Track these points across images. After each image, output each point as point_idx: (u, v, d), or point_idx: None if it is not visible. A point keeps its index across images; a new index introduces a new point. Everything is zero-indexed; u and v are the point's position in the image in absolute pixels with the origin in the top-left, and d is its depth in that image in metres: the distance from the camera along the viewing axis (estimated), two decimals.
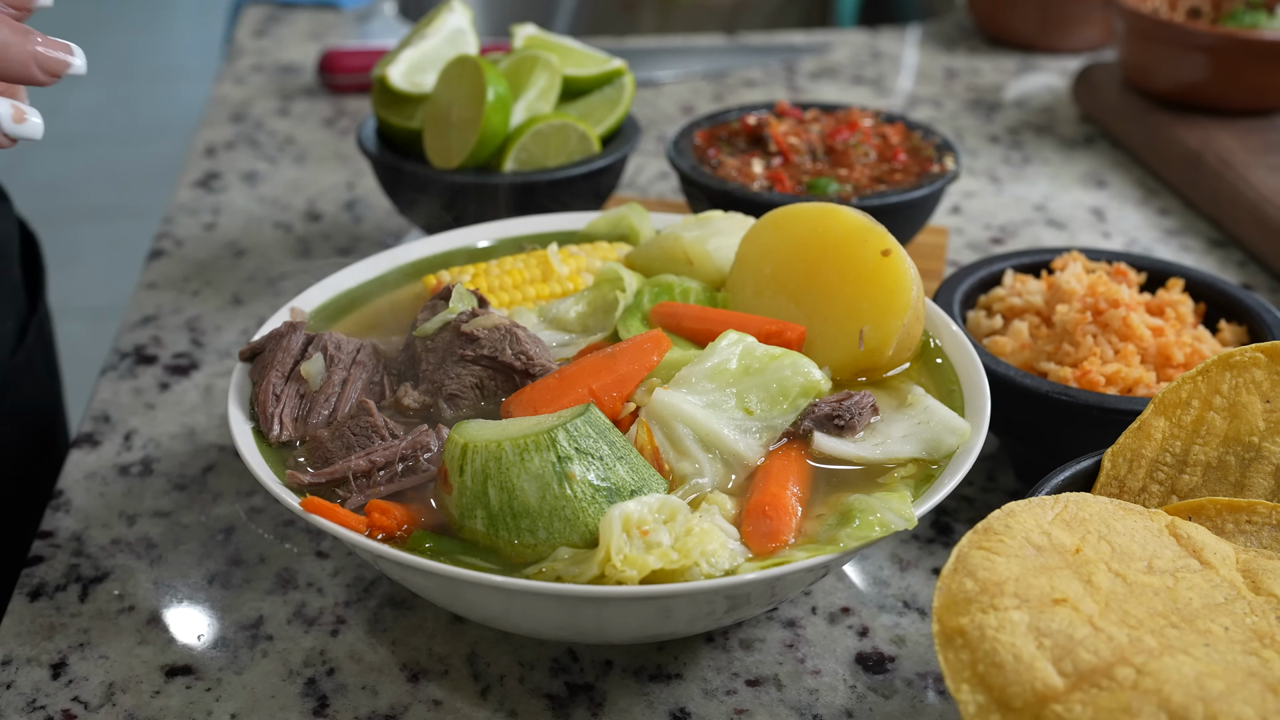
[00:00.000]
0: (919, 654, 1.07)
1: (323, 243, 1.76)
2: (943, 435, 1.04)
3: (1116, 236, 1.80)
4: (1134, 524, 0.88)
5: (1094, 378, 1.18)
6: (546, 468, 0.93)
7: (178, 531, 1.20)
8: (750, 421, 1.04)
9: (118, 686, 1.03)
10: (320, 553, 1.18)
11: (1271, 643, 0.78)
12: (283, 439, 1.06)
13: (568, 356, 1.14)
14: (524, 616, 0.96)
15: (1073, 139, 2.12)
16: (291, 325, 1.13)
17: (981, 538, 0.82)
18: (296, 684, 1.04)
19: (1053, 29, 2.46)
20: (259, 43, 2.52)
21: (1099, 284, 1.26)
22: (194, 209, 1.85)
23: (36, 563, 1.16)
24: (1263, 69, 1.91)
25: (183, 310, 1.59)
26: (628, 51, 2.43)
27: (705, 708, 1.02)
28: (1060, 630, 0.75)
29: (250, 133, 2.11)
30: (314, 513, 0.94)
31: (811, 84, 2.35)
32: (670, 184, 1.95)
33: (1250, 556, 0.87)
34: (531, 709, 1.01)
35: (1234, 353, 1.00)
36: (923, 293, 1.14)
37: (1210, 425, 0.99)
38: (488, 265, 1.27)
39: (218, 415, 1.38)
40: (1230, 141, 1.87)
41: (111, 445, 1.33)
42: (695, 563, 0.91)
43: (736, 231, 1.24)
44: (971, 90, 2.33)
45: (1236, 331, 1.28)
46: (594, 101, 1.60)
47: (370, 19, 2.61)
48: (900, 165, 1.57)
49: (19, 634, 1.08)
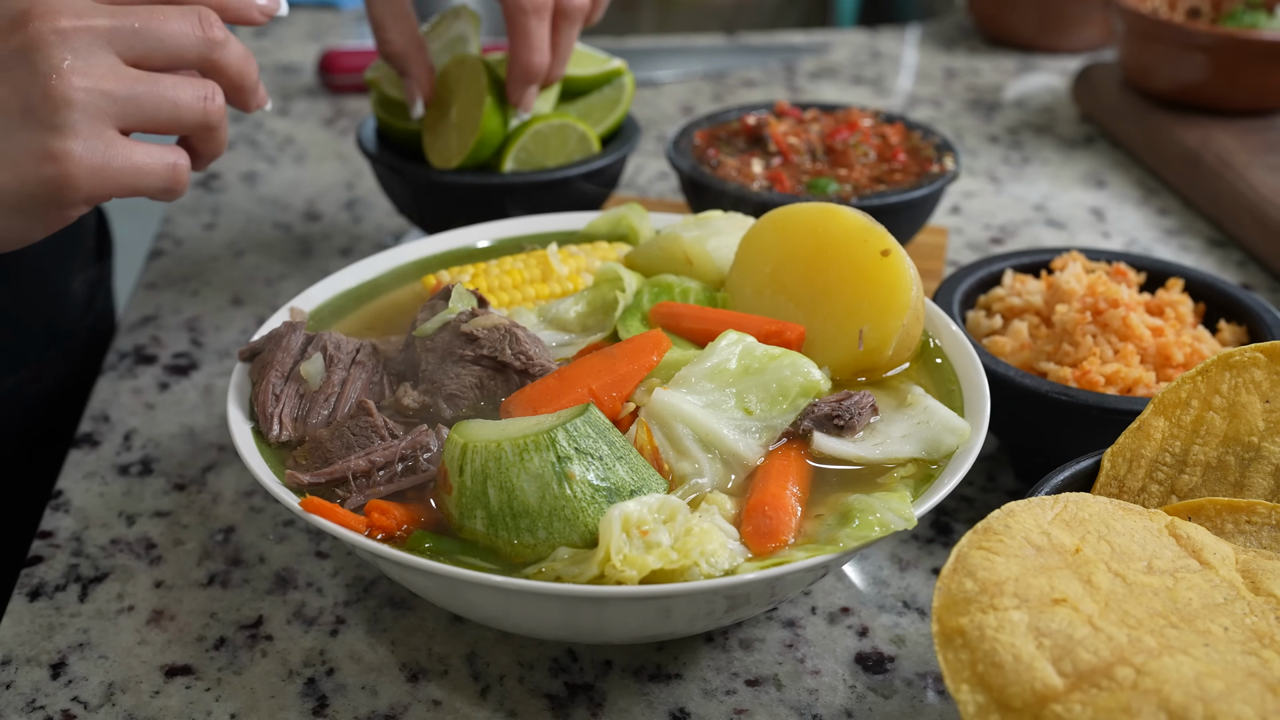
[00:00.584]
0: (919, 654, 1.07)
1: (322, 243, 1.76)
2: (942, 435, 1.04)
3: (1116, 236, 1.80)
4: (1133, 524, 0.88)
5: (1093, 378, 1.18)
6: (546, 468, 0.93)
7: (177, 531, 1.20)
8: (750, 421, 1.04)
9: (117, 686, 1.03)
10: (320, 553, 1.18)
11: (1271, 643, 0.78)
12: (282, 439, 1.06)
13: (567, 356, 1.14)
14: (523, 616, 0.96)
15: (1072, 139, 2.12)
16: (291, 325, 1.13)
17: (981, 538, 0.82)
18: (296, 684, 1.04)
19: (1052, 29, 2.46)
20: (259, 43, 2.52)
21: (1098, 284, 1.26)
22: (194, 209, 1.85)
23: (36, 563, 1.16)
24: (1262, 69, 1.91)
25: (182, 310, 1.59)
26: (627, 51, 2.43)
27: (705, 708, 1.02)
28: (1060, 630, 0.75)
29: (250, 133, 2.11)
30: (313, 513, 0.94)
31: (811, 84, 2.35)
32: (670, 184, 1.95)
33: (1250, 557, 0.87)
34: (531, 709, 1.01)
35: (1233, 353, 1.00)
36: (922, 293, 1.14)
37: (1210, 425, 0.99)
38: (487, 265, 1.27)
39: (217, 415, 1.38)
40: (1230, 141, 1.87)
41: (111, 445, 1.33)
42: (695, 563, 0.91)
43: (736, 231, 1.24)
44: (971, 90, 2.33)
45: (1236, 331, 1.28)
46: (594, 101, 1.60)
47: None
48: (900, 165, 1.57)
49: (18, 634, 1.08)
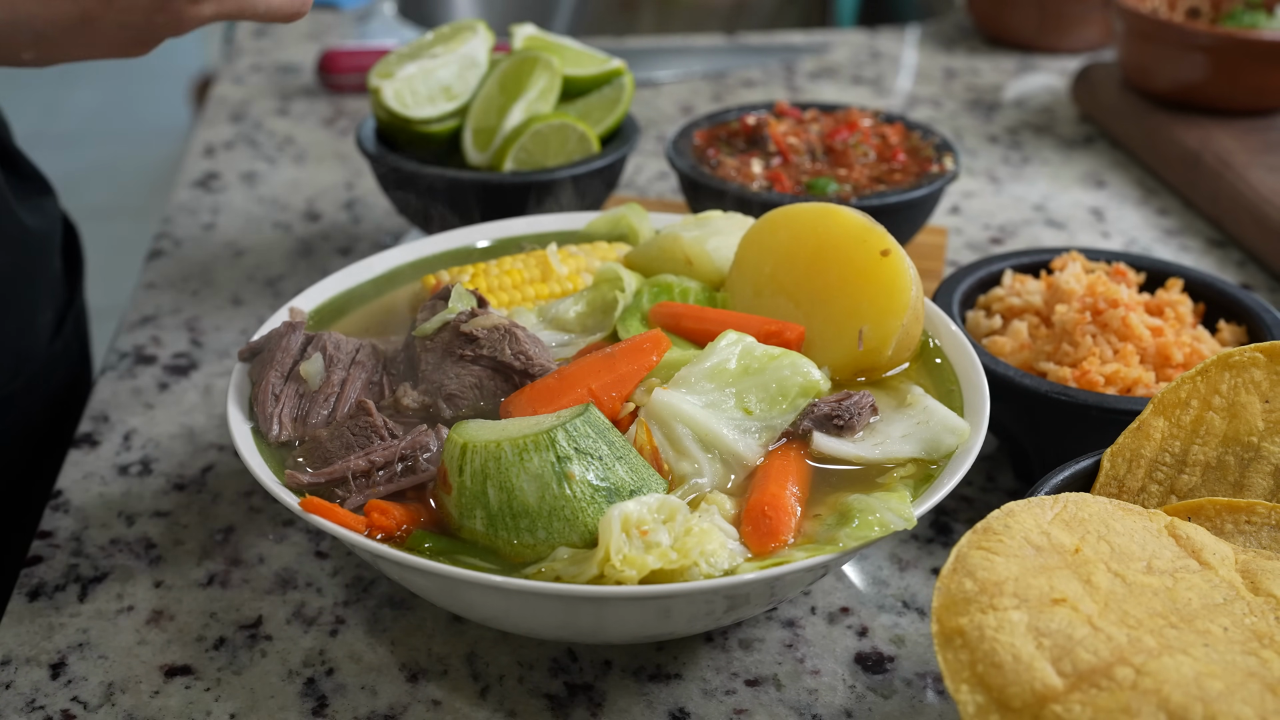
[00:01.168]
0: (918, 654, 1.07)
1: (322, 243, 1.76)
2: (942, 435, 1.04)
3: (1115, 236, 1.80)
4: (1133, 524, 0.88)
5: (1093, 378, 1.18)
6: (546, 468, 0.93)
7: (177, 531, 1.20)
8: (749, 421, 1.04)
9: (117, 686, 1.03)
10: (319, 553, 1.18)
11: (1270, 643, 0.78)
12: (282, 439, 1.06)
13: (567, 356, 1.14)
14: (523, 616, 0.96)
15: (1072, 139, 2.12)
16: (290, 325, 1.13)
17: (981, 537, 0.82)
18: (296, 684, 1.04)
19: (1052, 29, 2.46)
20: (258, 43, 2.52)
21: (1098, 284, 1.26)
22: (193, 209, 1.85)
23: (36, 563, 1.16)
24: (1262, 69, 1.91)
25: (182, 310, 1.59)
26: (627, 51, 2.43)
27: (704, 708, 1.02)
28: (1059, 630, 0.75)
29: (249, 133, 2.11)
30: (313, 513, 0.94)
31: (811, 84, 2.35)
32: (669, 184, 1.95)
33: (1249, 557, 0.87)
34: (531, 709, 1.01)
35: (1233, 353, 1.00)
36: (922, 293, 1.14)
37: (1209, 425, 0.99)
38: (487, 265, 1.27)
39: (217, 415, 1.38)
40: (1229, 141, 1.87)
41: (110, 445, 1.33)
42: (694, 563, 0.91)
43: (736, 231, 1.24)
44: (971, 90, 2.33)
45: (1235, 331, 1.28)
46: (593, 101, 1.60)
47: (369, 19, 2.61)
48: (899, 165, 1.57)
49: (18, 634, 1.08)
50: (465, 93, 1.54)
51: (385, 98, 1.51)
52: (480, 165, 1.53)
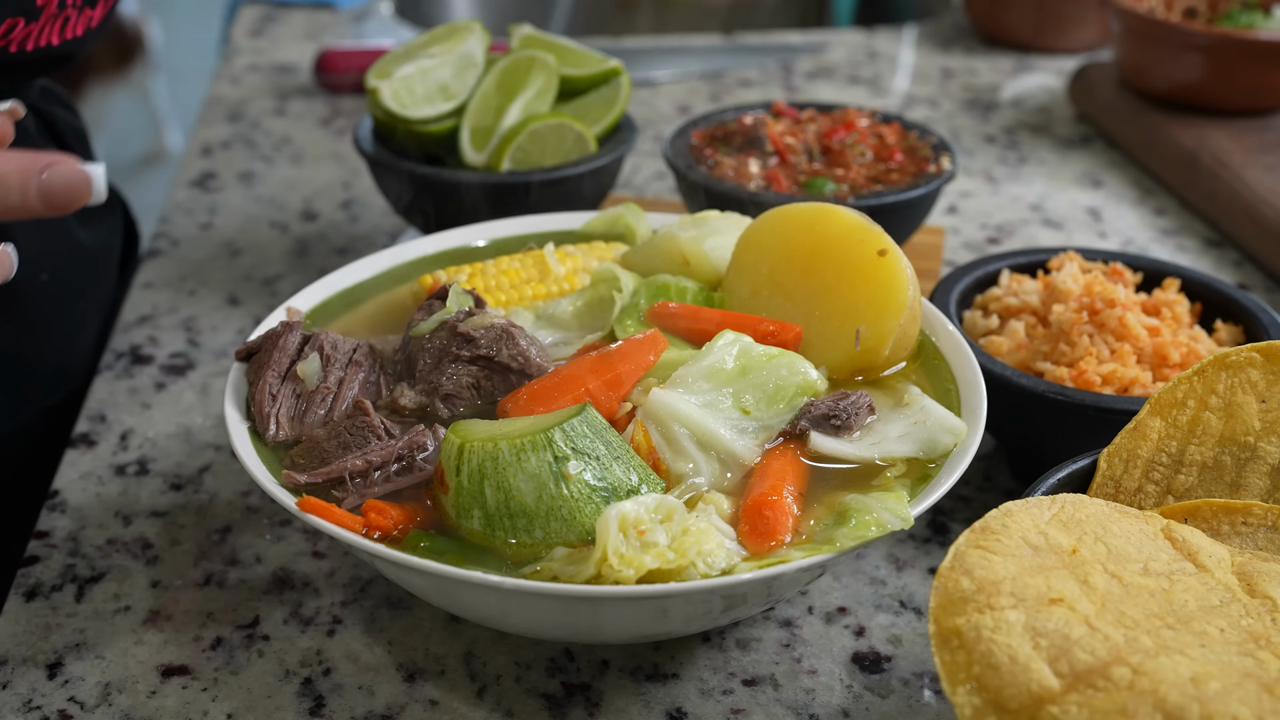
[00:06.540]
0: (915, 653, 1.07)
1: (319, 242, 1.76)
2: (939, 435, 1.04)
3: (1113, 236, 1.80)
4: (1130, 527, 0.88)
5: (1090, 377, 1.18)
6: (543, 467, 0.93)
7: (174, 531, 1.20)
8: (747, 421, 1.04)
9: (114, 687, 1.03)
10: (317, 553, 1.18)
11: (1267, 644, 0.78)
12: (279, 439, 1.06)
13: (564, 356, 1.14)
14: (520, 616, 0.96)
15: (1069, 139, 2.12)
16: (287, 325, 1.13)
17: (979, 537, 0.83)
18: (293, 684, 1.04)
19: (1049, 29, 2.46)
20: (255, 42, 2.52)
21: (1095, 284, 1.26)
22: (190, 208, 1.85)
23: (33, 563, 1.16)
24: (1259, 69, 1.91)
25: (179, 310, 1.58)
26: (624, 51, 2.43)
27: (702, 707, 1.02)
28: (1057, 630, 0.75)
29: (246, 132, 2.11)
30: (310, 513, 0.94)
31: (808, 84, 2.35)
32: (667, 184, 1.95)
33: (1245, 559, 0.87)
34: (528, 709, 1.01)
35: (1230, 353, 1.00)
36: (919, 292, 1.14)
37: (1206, 425, 0.99)
38: (484, 265, 1.27)
39: (214, 415, 1.38)
40: (1226, 141, 1.87)
41: (108, 445, 1.33)
42: (692, 562, 0.91)
43: (733, 231, 1.24)
44: (968, 90, 2.33)
45: (1232, 331, 1.28)
46: (590, 101, 1.60)
47: (367, 19, 2.61)
48: (896, 165, 1.57)
49: (15, 634, 1.08)
50: (463, 92, 1.54)
51: (383, 97, 1.51)
52: (477, 165, 1.53)
